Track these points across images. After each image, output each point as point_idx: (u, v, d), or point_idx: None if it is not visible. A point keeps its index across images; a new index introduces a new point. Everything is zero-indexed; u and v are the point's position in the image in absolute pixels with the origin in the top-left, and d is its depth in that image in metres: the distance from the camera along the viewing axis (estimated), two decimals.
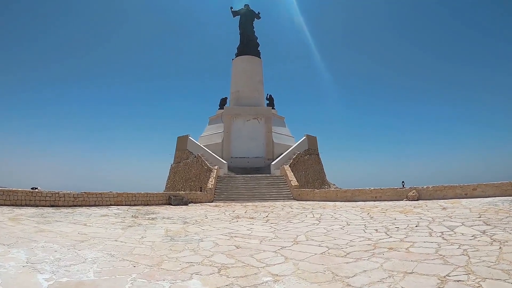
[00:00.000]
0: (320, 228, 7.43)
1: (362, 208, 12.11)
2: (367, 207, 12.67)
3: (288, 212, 11.33)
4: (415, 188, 15.20)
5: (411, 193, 15.05)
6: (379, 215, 10.02)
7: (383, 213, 10.59)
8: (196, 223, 8.58)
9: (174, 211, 12.22)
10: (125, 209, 12.85)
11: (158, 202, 15.78)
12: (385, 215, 10.01)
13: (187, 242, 5.87)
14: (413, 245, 5.66)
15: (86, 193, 14.22)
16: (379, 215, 9.88)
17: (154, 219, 9.75)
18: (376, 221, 8.64)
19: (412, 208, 11.56)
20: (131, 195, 15.21)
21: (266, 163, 27.11)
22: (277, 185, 20.36)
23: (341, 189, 16.60)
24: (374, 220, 8.84)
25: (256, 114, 28.68)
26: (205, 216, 10.32)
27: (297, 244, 5.58)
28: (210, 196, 17.67)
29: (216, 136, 29.28)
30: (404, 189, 15.45)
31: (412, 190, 15.16)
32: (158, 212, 11.75)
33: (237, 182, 20.78)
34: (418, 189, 15.10)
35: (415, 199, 14.75)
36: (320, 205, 13.91)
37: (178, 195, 16.34)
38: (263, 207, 13.45)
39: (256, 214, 10.74)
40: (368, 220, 8.89)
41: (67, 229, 7.73)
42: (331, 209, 12.27)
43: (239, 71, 31.24)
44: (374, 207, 12.52)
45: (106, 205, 14.18)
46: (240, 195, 18.64)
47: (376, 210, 11.32)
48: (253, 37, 32.73)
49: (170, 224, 8.46)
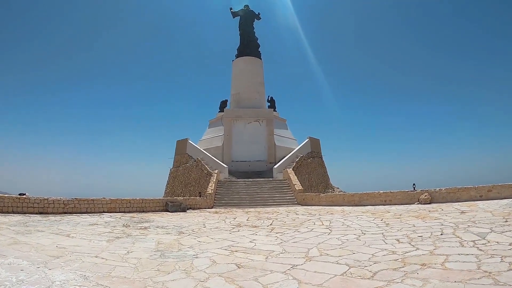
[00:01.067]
0: (333, 239, 6.50)
1: (373, 214, 11.18)
2: (378, 212, 11.74)
3: (294, 219, 10.40)
4: (427, 191, 14.27)
5: (423, 196, 14.11)
6: (394, 221, 9.10)
7: (397, 218, 9.67)
8: (193, 234, 7.66)
9: (170, 219, 11.31)
10: (118, 217, 11.98)
11: (154, 208, 14.88)
12: (401, 221, 9.09)
13: (179, 259, 4.95)
14: (447, 259, 4.76)
15: (77, 199, 13.37)
16: (395, 221, 8.96)
17: (147, 228, 8.85)
18: (393, 228, 7.71)
19: (427, 212, 10.63)
20: (125, 202, 14.33)
21: (268, 166, 26.23)
22: (280, 190, 19.43)
23: (348, 193, 15.67)
24: (391, 227, 7.91)
25: (257, 116, 27.83)
26: (203, 224, 9.39)
27: (310, 261, 4.66)
28: (210, 202, 16.75)
29: (216, 140, 28.42)
30: (415, 192, 14.51)
31: (424, 193, 14.23)
32: (153, 220, 10.85)
33: (238, 186, 19.86)
34: (430, 192, 14.17)
35: (427, 202, 13.82)
36: (327, 211, 12.98)
37: (176, 201, 15.43)
38: (266, 214, 12.52)
39: (259, 221, 9.81)
40: (384, 227, 7.97)
41: (45, 241, 6.84)
42: (339, 215, 11.34)
43: (239, 72, 30.46)
44: (386, 212, 11.59)
45: (99, 212, 13.32)
46: (242, 200, 17.71)
47: (389, 216, 10.39)
48: (254, 37, 32.01)
49: (163, 235, 7.54)
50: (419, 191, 14.48)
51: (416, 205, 13.76)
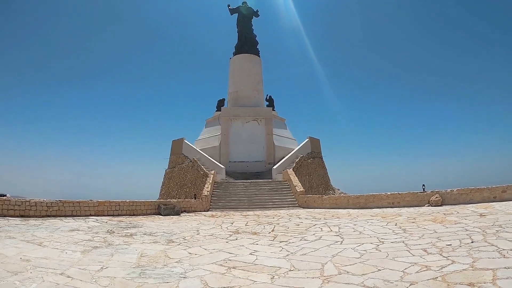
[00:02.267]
0: (348, 249, 5.52)
1: (383, 217, 10.22)
2: (388, 215, 10.79)
3: (298, 224, 9.42)
4: (438, 192, 13.35)
5: (434, 197, 13.19)
6: (410, 226, 8.14)
7: (412, 223, 8.72)
8: (184, 243, 6.65)
9: (161, 224, 10.31)
10: (104, 221, 10.98)
11: (146, 211, 13.87)
12: (417, 226, 8.14)
13: (163, 279, 3.92)
14: (496, 275, 3.85)
15: (62, 201, 12.37)
16: (411, 227, 8.00)
17: (133, 235, 7.84)
18: (413, 235, 6.75)
19: (443, 215, 9.69)
20: (114, 204, 13.31)
21: (267, 167, 25.25)
22: (280, 191, 18.45)
23: (353, 195, 14.72)
24: (410, 234, 6.95)
25: (256, 115, 26.85)
26: (197, 230, 8.38)
27: (329, 282, 3.65)
28: (206, 204, 15.74)
29: (213, 139, 27.42)
30: (425, 193, 13.58)
31: (435, 194, 13.30)
32: (142, 225, 9.84)
33: (236, 188, 18.86)
34: (441, 193, 13.26)
35: (438, 204, 12.91)
36: (332, 214, 12.01)
37: (169, 203, 14.41)
38: (267, 217, 11.53)
39: (260, 227, 8.81)
40: (402, 234, 7.01)
41: (10, 252, 5.84)
42: (347, 219, 10.38)
43: (237, 70, 29.49)
44: (397, 215, 10.64)
45: (85, 215, 12.34)
46: (240, 202, 16.72)
47: (402, 220, 9.43)
48: (252, 35, 31.07)
49: (150, 244, 6.54)
50: (429, 192, 13.56)
51: (426, 207, 12.85)
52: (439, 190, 13.48)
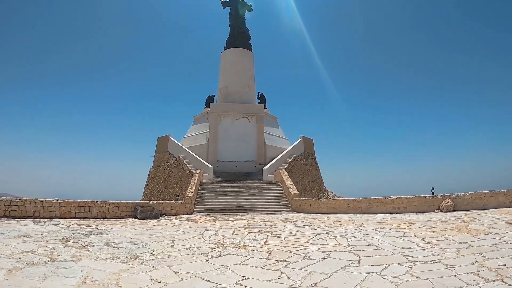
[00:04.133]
0: (373, 276, 3.97)
1: (395, 226, 8.78)
2: (398, 222, 9.36)
3: (295, 233, 7.87)
4: (449, 196, 12.05)
5: (445, 202, 11.87)
6: (432, 237, 6.71)
7: (433, 233, 7.30)
8: (149, 260, 5.02)
9: (133, 230, 8.64)
10: (67, 225, 9.29)
11: (120, 214, 12.16)
12: (441, 236, 6.72)
13: None
14: None
15: (22, 200, 10.68)
16: (435, 238, 6.56)
17: (90, 246, 6.18)
18: (447, 251, 5.28)
19: (464, 223, 8.32)
20: (83, 205, 11.58)
21: (258, 167, 23.68)
22: (272, 193, 16.91)
23: (353, 199, 13.27)
24: (441, 248, 5.48)
25: (247, 112, 25.27)
26: (173, 241, 6.73)
27: None
28: (189, 207, 14.07)
29: (201, 137, 25.72)
30: (435, 197, 12.26)
31: (446, 198, 11.99)
32: (108, 231, 8.16)
33: (224, 189, 17.24)
34: (452, 197, 11.96)
35: (450, 209, 11.60)
36: (332, 221, 10.53)
37: (147, 205, 12.70)
38: (258, 224, 9.96)
39: (250, 237, 7.21)
40: (431, 249, 5.53)
41: None
42: (352, 227, 8.89)
43: (228, 64, 27.86)
44: (409, 222, 9.22)
45: (49, 217, 10.67)
46: (227, 205, 15.10)
47: (418, 229, 8.00)
48: (245, 29, 29.52)
49: (104, 262, 4.89)
50: (439, 196, 12.24)
51: (437, 213, 11.53)
52: (451, 194, 12.19)
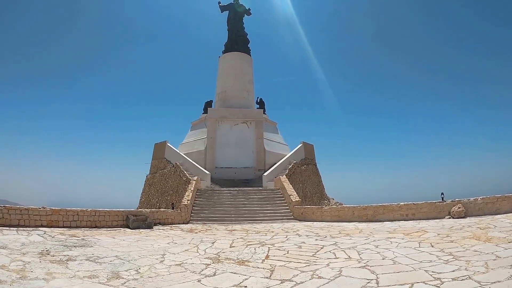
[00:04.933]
0: None
1: (406, 235, 8.09)
2: (409, 231, 8.67)
3: (299, 245, 7.17)
4: (460, 202, 11.40)
5: (456, 208, 11.21)
6: (452, 247, 6.03)
7: (451, 242, 6.63)
8: (132, 280, 4.31)
9: (121, 242, 7.93)
10: (52, 235, 8.59)
11: (111, 223, 11.45)
12: (461, 246, 6.05)
13: None
14: None
15: (7, 207, 10.10)
16: (455, 248, 5.88)
17: (70, 261, 5.48)
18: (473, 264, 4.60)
19: (481, 230, 7.65)
20: (72, 213, 10.90)
21: (257, 174, 23.00)
22: (272, 201, 16.20)
23: (358, 206, 12.58)
24: (466, 261, 4.81)
25: (245, 117, 24.67)
26: (163, 255, 6.02)
27: None
28: (185, 216, 13.34)
29: (198, 143, 25.06)
30: (444, 203, 11.60)
31: (457, 204, 11.34)
32: (94, 244, 7.46)
33: (222, 196, 16.52)
34: (463, 203, 11.31)
35: (461, 215, 10.95)
36: (338, 230, 9.83)
37: (140, 214, 11.99)
38: (258, 234, 9.26)
39: (249, 250, 6.52)
40: (455, 262, 4.85)
41: None
42: (360, 237, 8.20)
43: (226, 69, 27.34)
44: (422, 231, 8.53)
45: (35, 226, 10.05)
46: (225, 214, 14.38)
47: (433, 238, 7.32)
48: (243, 33, 29.09)
49: (79, 282, 4.20)
50: (449, 202, 11.58)
51: (448, 219, 10.88)
52: (461, 199, 11.55)
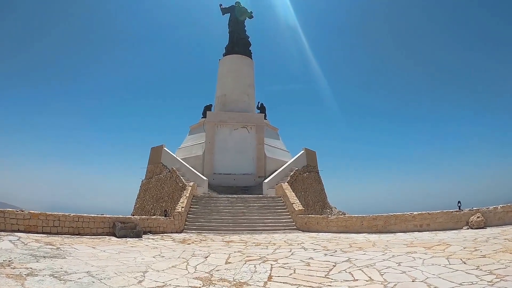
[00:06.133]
0: None
1: (427, 248, 7.06)
2: (429, 244, 7.62)
3: (306, 261, 6.15)
4: (479, 211, 10.41)
5: (475, 217, 10.21)
6: (487, 263, 5.02)
7: (483, 257, 5.62)
8: None
9: (101, 253, 6.91)
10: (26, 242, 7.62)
11: (96, 230, 10.44)
12: (498, 262, 5.06)
13: None
14: None
15: None
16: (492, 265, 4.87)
17: (28, 276, 4.49)
18: None
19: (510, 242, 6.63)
20: (52, 218, 9.94)
21: (257, 181, 21.99)
22: (273, 209, 15.16)
23: (367, 216, 11.56)
24: None
25: (246, 121, 23.74)
26: (144, 273, 4.99)
27: None
28: (179, 224, 12.29)
29: (196, 148, 24.09)
30: (462, 212, 10.60)
31: (475, 213, 10.35)
32: (69, 254, 6.44)
33: (219, 204, 15.48)
34: (482, 212, 10.32)
35: (480, 226, 9.96)
36: (348, 243, 8.79)
37: (129, 221, 10.96)
38: (258, 247, 8.22)
39: (248, 268, 5.50)
40: (501, 284, 3.85)
41: None
42: (374, 251, 7.17)
43: (226, 71, 26.52)
44: (443, 244, 7.48)
45: (11, 230, 9.21)
46: (222, 223, 13.33)
47: (459, 252, 6.29)
48: (244, 35, 28.38)
49: None
50: (466, 211, 10.58)
51: (466, 230, 9.90)
52: (479, 208, 10.57)
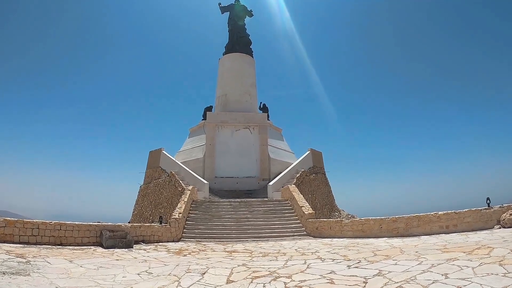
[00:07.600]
0: None
1: (467, 253, 5.81)
2: (465, 247, 6.36)
3: (327, 276, 4.96)
4: (511, 207, 9.19)
5: (507, 215, 9.04)
6: None
7: None
8: None
9: (76, 269, 5.74)
10: None
11: (81, 240, 9.33)
12: None
13: None
14: None
15: None
16: None
17: None
18: None
19: None
20: (31, 226, 8.85)
21: (261, 184, 20.84)
22: (280, 214, 13.94)
23: (386, 218, 10.30)
24: None
25: (248, 122, 22.63)
26: None
27: None
28: (176, 232, 11.10)
29: (196, 150, 22.98)
30: (492, 210, 9.39)
31: (507, 210, 9.18)
32: (37, 270, 5.29)
33: (221, 209, 14.29)
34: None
35: None
36: (368, 249, 7.57)
37: (119, 229, 9.79)
38: (265, 258, 7.03)
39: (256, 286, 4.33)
40: None
41: None
42: (406, 259, 5.95)
43: (227, 71, 25.48)
44: (483, 247, 6.20)
45: None
46: (224, 229, 12.12)
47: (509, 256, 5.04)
48: (245, 34, 27.42)
49: None
50: (496, 208, 9.37)
51: (500, 229, 8.73)
52: (510, 205, 9.34)
